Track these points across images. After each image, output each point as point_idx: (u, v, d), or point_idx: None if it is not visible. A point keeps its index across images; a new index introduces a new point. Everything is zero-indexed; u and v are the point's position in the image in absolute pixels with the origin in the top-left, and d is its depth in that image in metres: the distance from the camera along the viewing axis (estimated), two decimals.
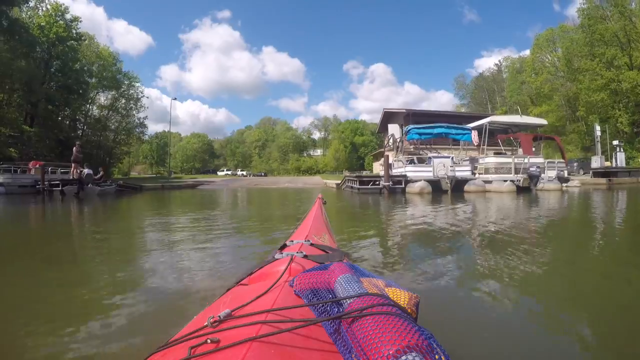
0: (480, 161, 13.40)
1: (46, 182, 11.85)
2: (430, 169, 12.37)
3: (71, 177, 12.50)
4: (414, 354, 0.43)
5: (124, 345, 1.38)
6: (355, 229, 4.33)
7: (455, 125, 15.21)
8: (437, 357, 0.45)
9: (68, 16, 24.04)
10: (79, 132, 28.87)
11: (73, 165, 12.50)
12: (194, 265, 2.60)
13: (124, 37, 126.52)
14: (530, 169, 11.68)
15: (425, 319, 0.66)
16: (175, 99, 58.25)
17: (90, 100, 29.46)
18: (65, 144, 24.03)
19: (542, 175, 11.77)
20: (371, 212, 6.93)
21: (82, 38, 26.36)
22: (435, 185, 11.25)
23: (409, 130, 14.49)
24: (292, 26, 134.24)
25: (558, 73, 30.66)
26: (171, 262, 2.71)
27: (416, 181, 11.41)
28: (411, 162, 14.11)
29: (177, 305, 1.80)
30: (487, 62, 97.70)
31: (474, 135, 13.98)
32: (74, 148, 12.91)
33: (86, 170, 12.38)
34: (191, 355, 0.49)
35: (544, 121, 16.26)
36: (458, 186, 11.21)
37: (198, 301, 1.80)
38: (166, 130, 74.66)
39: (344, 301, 0.60)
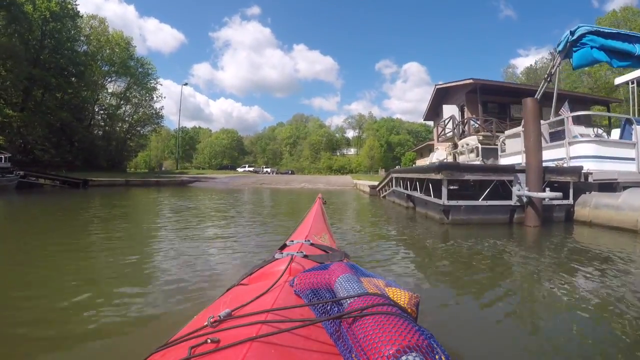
0: None
1: None
2: (632, 151, 6.06)
3: None
4: (414, 354, 0.49)
5: (124, 345, 1.50)
6: None
7: None
8: (437, 357, 0.51)
9: None
10: (86, 121, 29.62)
11: None
12: None
13: (156, 35, 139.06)
14: None
15: (425, 319, 0.68)
16: (186, 84, 60.40)
17: (99, 87, 30.33)
18: (65, 132, 24.92)
19: None
20: None
21: (80, 15, 27.24)
22: None
23: (580, 36, 6.33)
24: (322, 23, 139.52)
25: None
26: None
27: (610, 184, 5.58)
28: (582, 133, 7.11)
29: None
30: (524, 62, 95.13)
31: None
32: None
33: None
34: (191, 355, 0.55)
35: None
36: None
37: None
38: (197, 127, 79.73)
39: (344, 301, 0.66)
